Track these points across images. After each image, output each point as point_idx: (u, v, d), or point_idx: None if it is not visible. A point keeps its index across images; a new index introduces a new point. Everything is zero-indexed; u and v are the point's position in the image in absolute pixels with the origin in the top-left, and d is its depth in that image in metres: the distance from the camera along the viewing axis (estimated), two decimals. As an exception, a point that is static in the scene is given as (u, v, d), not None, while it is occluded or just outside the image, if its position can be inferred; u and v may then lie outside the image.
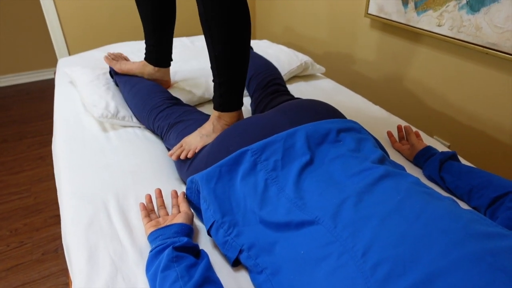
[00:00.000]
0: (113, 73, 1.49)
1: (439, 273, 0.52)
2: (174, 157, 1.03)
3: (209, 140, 1.02)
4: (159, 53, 1.37)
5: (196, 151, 1.00)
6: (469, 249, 0.54)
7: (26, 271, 1.54)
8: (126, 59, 1.55)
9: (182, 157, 1.01)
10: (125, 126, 1.33)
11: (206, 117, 1.15)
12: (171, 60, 1.42)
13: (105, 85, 1.43)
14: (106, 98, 1.34)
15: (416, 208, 0.63)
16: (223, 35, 0.94)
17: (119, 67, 1.44)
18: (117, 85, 1.47)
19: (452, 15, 1.49)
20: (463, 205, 0.98)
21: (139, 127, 1.33)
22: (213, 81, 1.04)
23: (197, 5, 0.95)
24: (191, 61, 1.66)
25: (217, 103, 1.04)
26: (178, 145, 1.05)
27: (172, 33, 1.37)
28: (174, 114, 1.18)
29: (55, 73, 1.92)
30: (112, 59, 1.49)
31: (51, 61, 3.45)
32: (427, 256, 0.54)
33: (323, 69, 1.86)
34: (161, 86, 1.37)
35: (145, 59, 1.40)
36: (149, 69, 1.40)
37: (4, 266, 1.56)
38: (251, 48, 1.78)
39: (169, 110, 1.20)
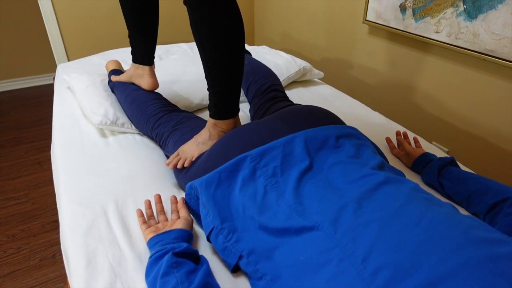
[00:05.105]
0: (109, 81, 1.50)
1: (440, 279, 0.52)
2: (171, 166, 1.02)
3: (205, 148, 1.01)
4: (138, 50, 1.35)
5: (193, 159, 1.00)
6: (469, 255, 0.54)
7: (23, 277, 1.53)
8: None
9: (178, 166, 1.01)
10: (124, 132, 1.32)
11: (203, 123, 1.14)
12: (153, 58, 1.38)
13: (104, 92, 1.43)
14: (105, 105, 1.34)
15: (416, 214, 0.63)
16: (215, 46, 0.91)
17: (116, 78, 1.46)
18: (113, 92, 1.47)
19: (450, 22, 1.50)
20: (463, 211, 0.98)
21: (139, 133, 1.33)
22: (207, 89, 1.02)
23: (188, 14, 0.92)
24: (190, 67, 1.66)
25: (212, 111, 1.03)
26: (175, 153, 1.05)
27: (154, 32, 1.33)
28: (171, 122, 1.18)
29: (53, 78, 1.92)
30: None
31: (48, 67, 3.44)
32: (428, 262, 0.54)
33: (322, 74, 1.86)
34: (158, 93, 1.36)
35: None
36: (131, 67, 1.39)
37: (1, 273, 1.55)
38: (249, 53, 1.78)
39: (166, 117, 1.20)
